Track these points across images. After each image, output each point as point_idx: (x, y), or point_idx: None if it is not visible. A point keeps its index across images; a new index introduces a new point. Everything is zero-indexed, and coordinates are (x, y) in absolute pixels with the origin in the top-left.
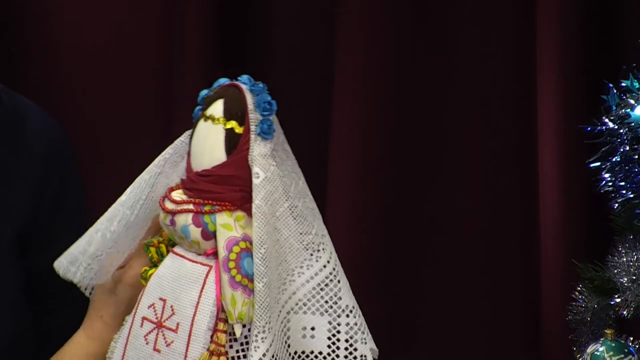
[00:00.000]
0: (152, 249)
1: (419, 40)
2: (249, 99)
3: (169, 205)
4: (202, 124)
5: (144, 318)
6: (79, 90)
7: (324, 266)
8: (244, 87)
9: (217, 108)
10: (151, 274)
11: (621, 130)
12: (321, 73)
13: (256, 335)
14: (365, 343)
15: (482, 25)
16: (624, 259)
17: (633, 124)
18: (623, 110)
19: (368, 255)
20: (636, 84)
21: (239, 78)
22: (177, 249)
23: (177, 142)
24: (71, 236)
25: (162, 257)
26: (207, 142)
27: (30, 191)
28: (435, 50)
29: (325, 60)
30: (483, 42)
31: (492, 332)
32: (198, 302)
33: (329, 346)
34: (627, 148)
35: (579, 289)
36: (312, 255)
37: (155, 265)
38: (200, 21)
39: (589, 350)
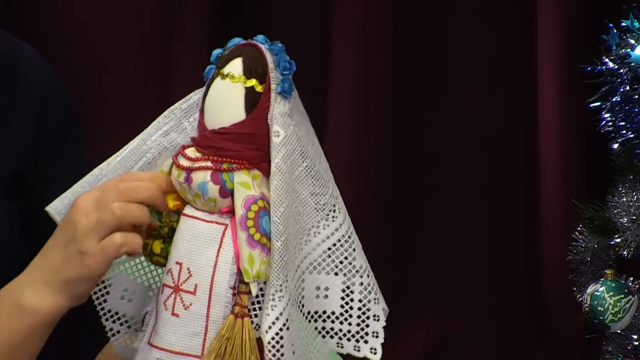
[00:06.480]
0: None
1: None
2: (269, 58)
3: (184, 162)
4: (218, 82)
5: (164, 284)
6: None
7: (340, 226)
8: (262, 46)
9: (235, 66)
10: None
11: (621, 70)
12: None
13: (273, 294)
14: (378, 303)
15: None
16: (624, 199)
17: (633, 64)
18: (623, 50)
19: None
20: (636, 24)
21: (254, 38)
22: (187, 211)
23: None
24: (68, 182)
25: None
26: (225, 100)
27: (28, 134)
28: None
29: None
30: None
31: (493, 267)
32: (216, 262)
33: (342, 306)
34: (627, 88)
35: (579, 229)
36: (327, 215)
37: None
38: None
39: (589, 290)
